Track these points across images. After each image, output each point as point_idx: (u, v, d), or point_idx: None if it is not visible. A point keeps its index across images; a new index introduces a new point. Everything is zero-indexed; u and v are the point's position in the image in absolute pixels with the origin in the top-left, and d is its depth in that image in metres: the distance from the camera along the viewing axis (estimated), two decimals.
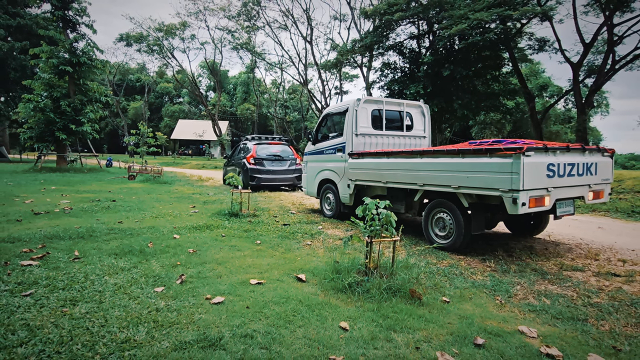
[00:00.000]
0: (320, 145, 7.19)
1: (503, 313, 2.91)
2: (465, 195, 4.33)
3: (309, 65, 38.01)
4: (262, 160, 10.92)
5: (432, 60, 17.06)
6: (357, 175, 6.05)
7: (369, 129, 6.44)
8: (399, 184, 5.17)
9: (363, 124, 6.38)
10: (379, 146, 6.53)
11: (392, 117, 6.73)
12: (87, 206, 7.10)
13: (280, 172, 10.99)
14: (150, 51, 38.85)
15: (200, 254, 4.17)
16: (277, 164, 11.03)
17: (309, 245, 4.89)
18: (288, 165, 11.16)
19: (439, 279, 3.63)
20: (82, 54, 17.47)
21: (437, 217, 4.80)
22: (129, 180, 13.71)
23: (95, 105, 18.42)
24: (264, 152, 11.09)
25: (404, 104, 6.79)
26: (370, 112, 6.45)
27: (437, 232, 4.81)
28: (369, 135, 6.43)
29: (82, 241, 4.53)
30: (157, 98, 61.17)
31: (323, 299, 2.99)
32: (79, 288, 3.02)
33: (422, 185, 4.80)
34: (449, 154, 4.38)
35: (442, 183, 4.48)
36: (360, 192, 6.29)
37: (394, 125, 6.79)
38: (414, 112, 6.95)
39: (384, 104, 6.56)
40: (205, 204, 8.32)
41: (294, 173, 11.11)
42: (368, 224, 3.24)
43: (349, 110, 6.38)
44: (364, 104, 6.36)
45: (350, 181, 6.23)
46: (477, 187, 4.05)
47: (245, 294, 3.03)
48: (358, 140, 6.33)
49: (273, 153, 11.15)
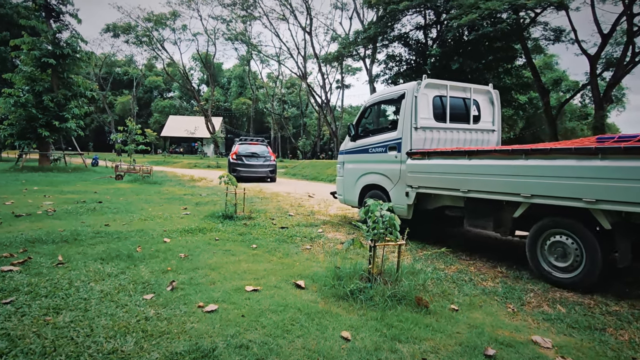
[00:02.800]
0: (362, 142, 6.25)
1: (515, 322, 2.91)
2: (605, 212, 3.34)
3: (308, 58, 37.97)
4: (242, 156, 14.68)
5: (440, 53, 17.08)
6: (420, 181, 5.07)
7: (430, 120, 5.51)
8: (487, 194, 4.20)
9: (424, 115, 5.44)
10: (441, 143, 5.62)
11: (456, 105, 5.82)
12: (71, 208, 7.10)
13: (256, 166, 14.67)
14: (138, 43, 38.90)
15: (192, 259, 4.16)
16: (254, 160, 14.77)
17: (309, 249, 4.89)
18: (263, 161, 14.88)
19: (447, 285, 3.63)
20: (66, 45, 17.45)
21: (551, 241, 3.80)
22: (116, 180, 13.70)
23: (80, 100, 18.40)
24: (244, 150, 14.79)
25: (470, 89, 5.88)
26: (432, 99, 5.58)
27: (552, 261, 3.81)
28: (430, 129, 5.50)
29: (66, 245, 4.53)
30: (146, 92, 61.21)
31: (323, 307, 2.99)
32: (63, 295, 3.02)
33: (528, 197, 3.79)
34: (579, 153, 3.41)
35: (566, 195, 3.50)
36: (422, 202, 5.30)
37: (458, 116, 5.85)
38: (481, 99, 6.06)
39: (447, 89, 5.63)
40: (198, 205, 8.31)
41: (267, 167, 14.84)
42: (371, 227, 3.24)
43: (406, 97, 5.44)
44: (425, 89, 5.45)
45: (411, 188, 5.21)
46: (631, 203, 3.08)
47: (240, 302, 3.02)
48: (418, 135, 5.38)
49: (251, 151, 14.91)
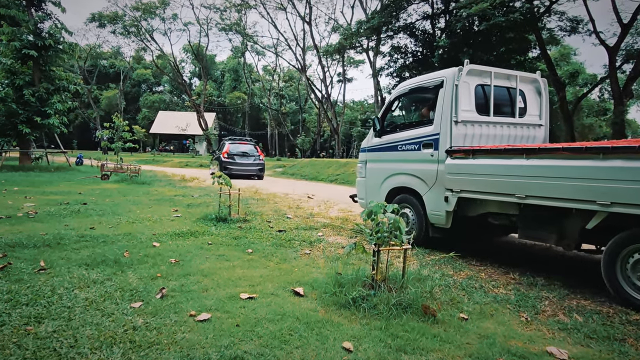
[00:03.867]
0: (390, 139, 5.85)
1: (529, 332, 2.91)
2: None
3: (307, 49, 37.96)
4: (234, 155, 16.55)
5: (449, 44, 17.08)
6: (464, 184, 4.68)
7: (472, 113, 5.14)
8: (552, 201, 3.82)
9: (465, 107, 5.05)
10: (483, 139, 5.26)
11: (499, 96, 5.43)
12: (54, 210, 7.10)
13: (246, 164, 16.66)
14: (126, 33, 38.90)
15: (183, 265, 4.16)
16: (245, 159, 16.72)
17: (308, 254, 4.88)
18: (253, 160, 16.87)
19: (456, 293, 3.63)
20: (48, 36, 17.45)
21: (636, 258, 3.45)
22: (102, 181, 13.70)
23: (64, 94, 18.40)
24: (235, 149, 16.71)
25: (516, 78, 5.49)
26: (474, 89, 5.22)
27: (635, 281, 3.43)
28: (471, 124, 5.11)
29: (49, 250, 4.52)
30: (134, 86, 61.26)
31: (323, 315, 2.99)
32: (45, 303, 3.02)
33: (607, 205, 3.40)
34: None
35: None
36: (463, 208, 4.90)
37: (502, 108, 5.51)
38: (527, 89, 5.69)
39: (492, 77, 5.21)
40: (189, 207, 8.31)
41: (257, 166, 16.87)
42: (375, 230, 3.24)
43: (445, 85, 5.06)
44: (466, 77, 5.06)
45: (451, 192, 4.81)
46: None
47: (234, 310, 3.02)
48: (458, 130, 4.98)
49: (242, 150, 16.90)
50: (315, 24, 56.05)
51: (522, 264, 4.62)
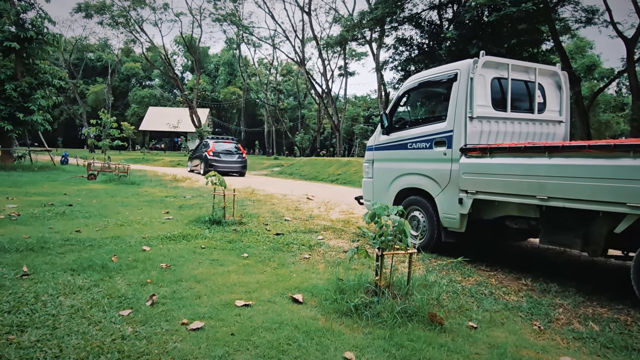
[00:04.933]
0: (399, 136, 5.79)
1: (542, 341, 2.91)
2: None
3: (307, 41, 38.00)
4: (219, 153, 18.54)
5: (457, 36, 17.09)
6: (480, 185, 4.59)
7: (488, 109, 5.07)
8: (577, 203, 3.73)
9: (481, 102, 4.97)
10: (499, 136, 5.20)
11: (517, 90, 5.36)
12: (38, 212, 7.10)
13: (230, 161, 18.75)
14: (114, 24, 38.91)
15: (175, 270, 4.16)
16: (229, 156, 18.84)
17: (307, 259, 4.89)
18: (237, 157, 19.06)
19: (465, 300, 3.63)
20: (31, 27, 17.45)
21: None
22: (89, 181, 13.70)
23: (48, 89, 18.38)
24: (220, 148, 18.77)
25: (534, 70, 5.41)
26: (490, 83, 5.14)
27: None
28: (487, 120, 5.04)
29: (32, 254, 4.53)
30: (123, 81, 61.26)
31: (324, 324, 3.00)
32: (28, 311, 3.02)
33: (638, 207, 3.33)
34: None
35: None
36: (478, 211, 4.81)
37: (520, 103, 5.44)
38: (546, 83, 5.60)
39: (509, 69, 5.13)
40: (181, 209, 8.31)
41: (240, 163, 19.12)
42: (378, 233, 3.24)
43: (459, 79, 4.99)
44: (482, 69, 4.97)
45: (466, 194, 4.73)
46: None
47: (229, 318, 3.03)
48: (473, 127, 4.92)
49: (226, 148, 19.02)
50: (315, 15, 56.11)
51: (535, 269, 4.62)
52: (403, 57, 22.33)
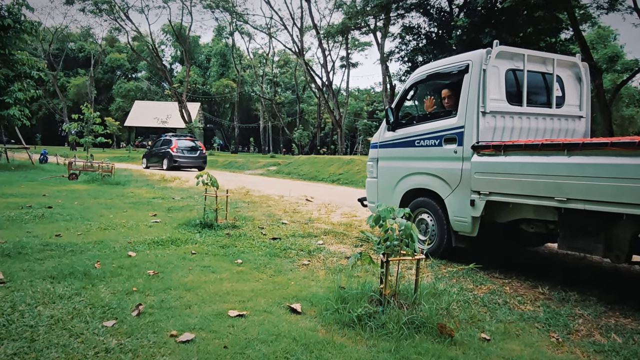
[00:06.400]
0: (405, 132, 5.77)
1: (561, 354, 2.91)
2: None
3: (305, 30, 38.02)
4: (182, 149, 22.17)
5: (468, 24, 17.11)
6: (493, 185, 4.57)
7: (502, 103, 5.04)
8: (600, 205, 3.70)
9: (494, 95, 4.94)
10: (515, 133, 5.16)
11: (534, 82, 5.32)
12: (14, 214, 7.11)
13: (192, 157, 22.45)
14: (97, 11, 38.89)
15: (163, 277, 4.16)
16: (191, 153, 22.51)
17: (306, 265, 4.89)
18: (198, 153, 22.72)
19: (477, 309, 3.63)
20: (7, 14, 17.46)
21: None
22: (70, 181, 13.71)
23: (26, 82, 18.40)
24: (182, 144, 22.46)
25: (552, 61, 5.38)
26: (504, 75, 5.11)
27: None
28: (501, 115, 5.02)
29: (9, 260, 4.53)
30: (107, 73, 61.34)
31: (324, 336, 3.00)
32: (4, 322, 3.02)
33: None
34: None
35: None
36: (492, 213, 4.79)
37: (537, 96, 5.42)
38: (565, 75, 5.57)
39: (525, 60, 5.08)
40: (170, 211, 8.32)
41: (201, 158, 22.74)
42: (383, 237, 3.24)
43: (470, 70, 4.95)
44: (496, 60, 4.92)
45: (478, 195, 4.70)
46: None
47: (222, 330, 3.03)
48: (486, 122, 4.90)
49: (188, 145, 22.68)
50: (314, 1, 56.11)
51: (552, 276, 4.62)
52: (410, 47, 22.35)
